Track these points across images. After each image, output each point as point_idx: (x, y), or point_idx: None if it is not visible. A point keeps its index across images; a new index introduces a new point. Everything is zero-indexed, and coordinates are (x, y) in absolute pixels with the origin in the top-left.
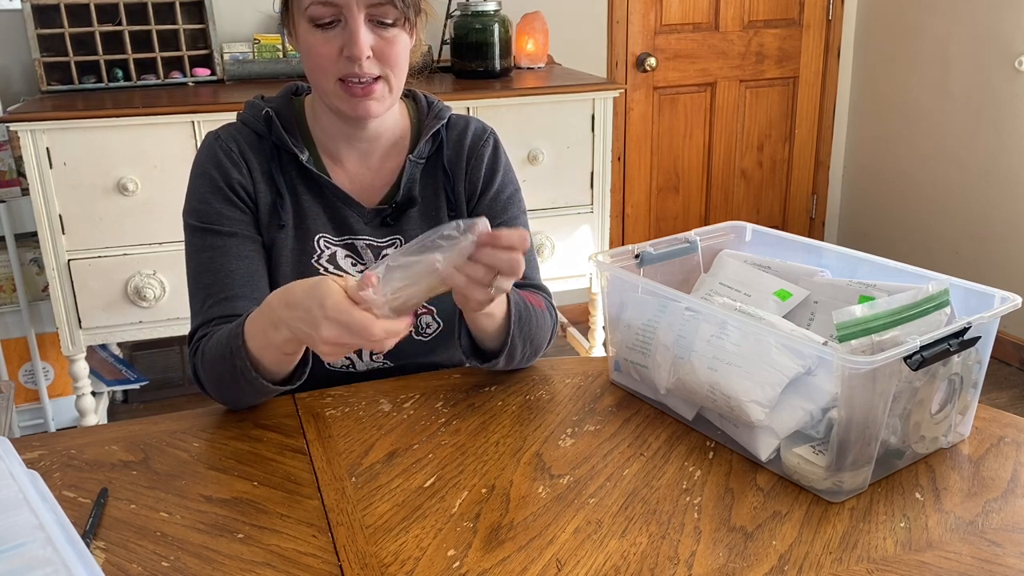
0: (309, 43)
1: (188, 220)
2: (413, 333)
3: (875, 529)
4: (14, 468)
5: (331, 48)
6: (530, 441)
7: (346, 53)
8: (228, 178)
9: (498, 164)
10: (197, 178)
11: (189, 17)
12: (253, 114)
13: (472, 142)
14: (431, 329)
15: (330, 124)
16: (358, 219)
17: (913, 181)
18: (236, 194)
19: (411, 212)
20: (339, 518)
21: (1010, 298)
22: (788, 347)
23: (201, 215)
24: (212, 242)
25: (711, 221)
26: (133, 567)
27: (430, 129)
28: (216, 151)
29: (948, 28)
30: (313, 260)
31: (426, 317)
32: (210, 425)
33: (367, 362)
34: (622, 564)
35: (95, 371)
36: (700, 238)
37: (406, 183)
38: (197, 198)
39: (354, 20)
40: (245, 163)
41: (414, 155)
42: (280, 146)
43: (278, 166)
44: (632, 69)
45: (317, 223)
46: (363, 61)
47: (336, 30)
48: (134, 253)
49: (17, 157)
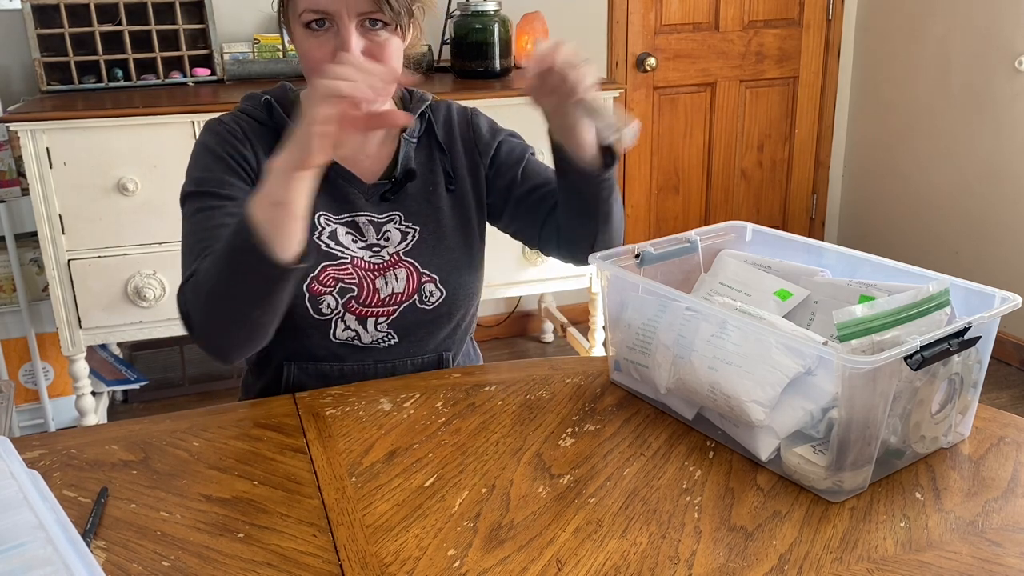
0: (304, 47)
1: (187, 190)
2: (417, 301)
3: (875, 529)
4: (14, 468)
5: (324, 52)
6: (530, 441)
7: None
8: (232, 150)
9: (494, 125)
10: (199, 154)
11: (189, 17)
12: (252, 104)
13: (460, 119)
14: (434, 298)
15: None
16: (359, 195)
17: (913, 181)
18: (240, 165)
19: (409, 187)
20: (339, 518)
21: (1010, 298)
22: (788, 347)
23: (201, 182)
24: (210, 203)
25: (711, 221)
26: (133, 567)
27: (417, 110)
28: (220, 130)
29: (948, 28)
30: (315, 236)
31: (429, 285)
32: (210, 425)
33: (372, 332)
34: (622, 564)
35: (95, 371)
36: (700, 238)
37: (403, 159)
38: (200, 168)
39: (345, 26)
40: (248, 141)
41: (407, 133)
42: (281, 130)
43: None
44: (632, 69)
45: (318, 202)
46: None
47: (329, 34)
48: (134, 253)
49: (17, 157)
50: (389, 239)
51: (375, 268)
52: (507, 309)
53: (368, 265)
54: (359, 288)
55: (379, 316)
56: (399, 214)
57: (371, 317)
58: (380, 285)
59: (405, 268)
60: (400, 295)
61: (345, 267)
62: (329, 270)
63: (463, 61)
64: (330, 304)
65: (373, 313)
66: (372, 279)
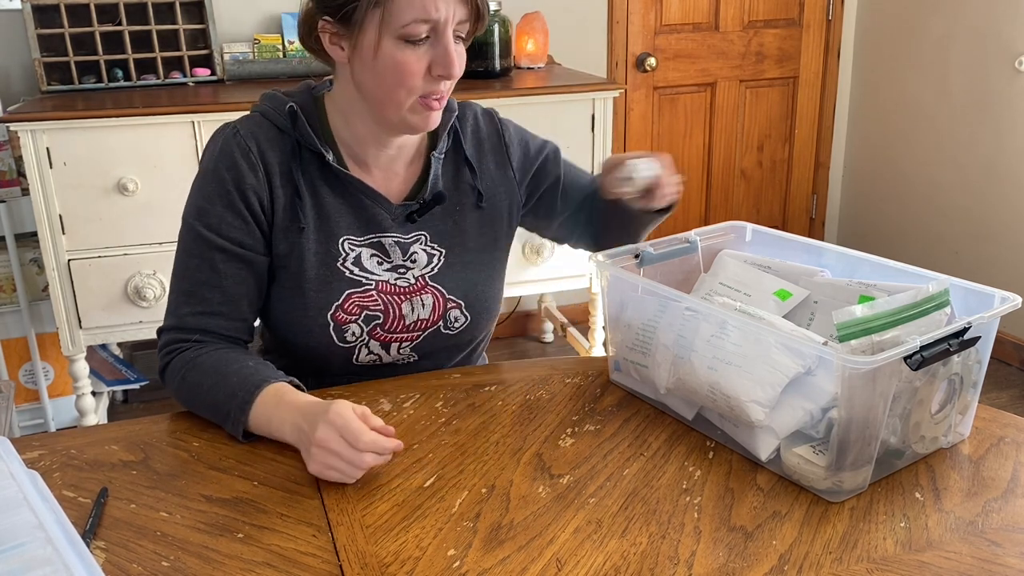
0: (398, 60)
1: (188, 216)
2: (442, 327)
3: (875, 529)
4: (14, 468)
5: (421, 65)
6: (530, 441)
7: (439, 72)
8: (240, 183)
9: (523, 136)
10: (207, 175)
11: (189, 17)
12: (275, 107)
13: (489, 129)
14: (459, 323)
15: (365, 130)
16: (385, 215)
17: (913, 181)
18: (246, 201)
19: (434, 208)
20: (339, 518)
21: (1010, 298)
22: (788, 347)
23: (203, 215)
24: (205, 252)
25: (711, 221)
26: (133, 567)
27: (446, 125)
28: (232, 150)
29: (948, 28)
30: (339, 263)
31: (455, 311)
32: (210, 425)
33: (394, 355)
34: (622, 564)
35: (95, 371)
36: (700, 238)
37: (433, 179)
38: (203, 196)
39: (446, 37)
40: (263, 164)
41: (437, 151)
42: (303, 143)
43: (298, 164)
44: (632, 69)
45: (340, 224)
46: (453, 79)
47: (425, 47)
48: (134, 253)
49: (17, 157)
50: (416, 261)
51: (401, 292)
52: (507, 309)
53: (394, 289)
54: (384, 315)
55: (403, 341)
56: (425, 234)
57: (395, 343)
58: (406, 311)
59: (432, 294)
60: (425, 321)
61: (370, 294)
62: (354, 298)
63: None
64: (355, 332)
65: (397, 339)
66: (398, 303)
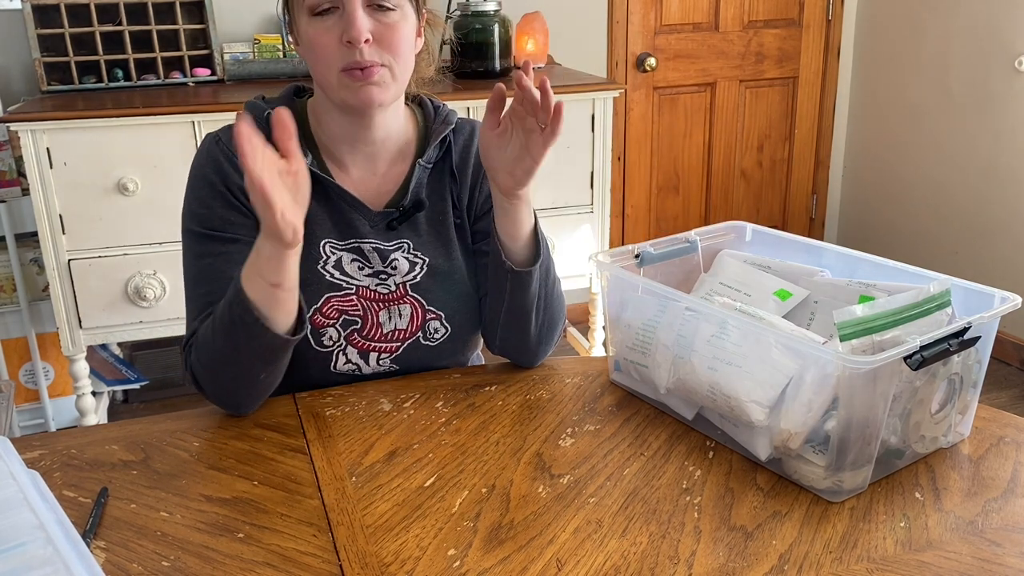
0: (310, 35)
1: (189, 225)
2: (421, 338)
3: (875, 529)
4: (14, 468)
5: (331, 36)
6: (530, 441)
7: (345, 38)
8: (228, 182)
9: None
10: (197, 181)
11: (189, 17)
12: (256, 115)
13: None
14: (439, 335)
15: (336, 127)
16: (364, 222)
17: (913, 181)
18: (237, 198)
19: (418, 216)
20: (339, 518)
21: (1010, 298)
22: (788, 347)
23: (202, 219)
24: (213, 248)
25: (711, 221)
26: (133, 567)
27: (439, 135)
28: (216, 154)
29: (948, 28)
30: (319, 266)
31: (434, 323)
32: (210, 425)
33: (373, 366)
34: (622, 564)
35: (95, 371)
36: (700, 238)
37: (414, 187)
38: (198, 202)
39: (351, 4)
40: None
41: (424, 159)
42: None
43: None
44: (632, 69)
45: (322, 228)
46: (362, 46)
47: (334, 17)
48: (134, 253)
49: (17, 157)
50: (396, 268)
51: (381, 299)
52: None
53: (374, 295)
54: (363, 320)
55: (382, 352)
56: (407, 242)
57: (373, 352)
58: (383, 319)
59: (410, 304)
60: (403, 331)
61: (349, 298)
62: (333, 301)
63: (463, 61)
64: (332, 336)
65: (376, 348)
66: (376, 311)
